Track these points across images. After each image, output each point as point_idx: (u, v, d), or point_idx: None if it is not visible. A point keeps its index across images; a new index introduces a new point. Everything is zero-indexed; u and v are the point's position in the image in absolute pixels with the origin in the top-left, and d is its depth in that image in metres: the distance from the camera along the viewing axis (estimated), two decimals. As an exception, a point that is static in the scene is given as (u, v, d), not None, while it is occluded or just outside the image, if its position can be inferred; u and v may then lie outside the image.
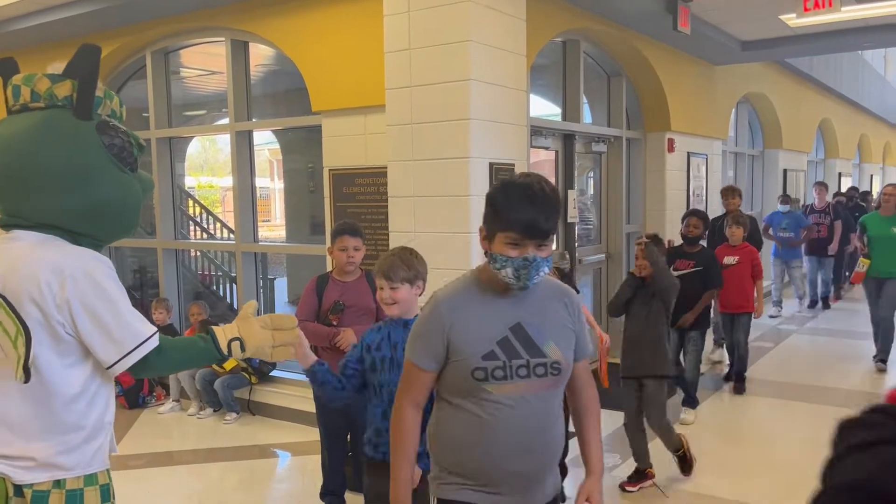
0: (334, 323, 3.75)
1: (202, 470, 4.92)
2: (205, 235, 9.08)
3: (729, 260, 5.96)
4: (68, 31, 6.17)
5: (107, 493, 2.02)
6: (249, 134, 6.06)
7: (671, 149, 7.47)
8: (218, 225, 9.43)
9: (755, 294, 6.11)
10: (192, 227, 8.92)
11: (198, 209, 9.37)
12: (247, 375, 5.81)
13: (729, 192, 6.80)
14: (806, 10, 5.52)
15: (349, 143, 5.10)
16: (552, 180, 6.37)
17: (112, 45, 6.29)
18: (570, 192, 6.32)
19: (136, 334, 1.90)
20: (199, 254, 8.25)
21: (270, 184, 18.11)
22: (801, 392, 6.19)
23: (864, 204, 11.95)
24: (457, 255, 4.25)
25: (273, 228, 14.51)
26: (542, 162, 6.42)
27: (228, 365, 5.70)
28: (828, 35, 7.32)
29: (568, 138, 6.37)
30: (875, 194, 15.97)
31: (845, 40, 7.59)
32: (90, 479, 1.97)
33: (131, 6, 5.62)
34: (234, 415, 5.72)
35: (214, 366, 5.68)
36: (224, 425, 5.64)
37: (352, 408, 3.86)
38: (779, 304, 9.52)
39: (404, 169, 4.36)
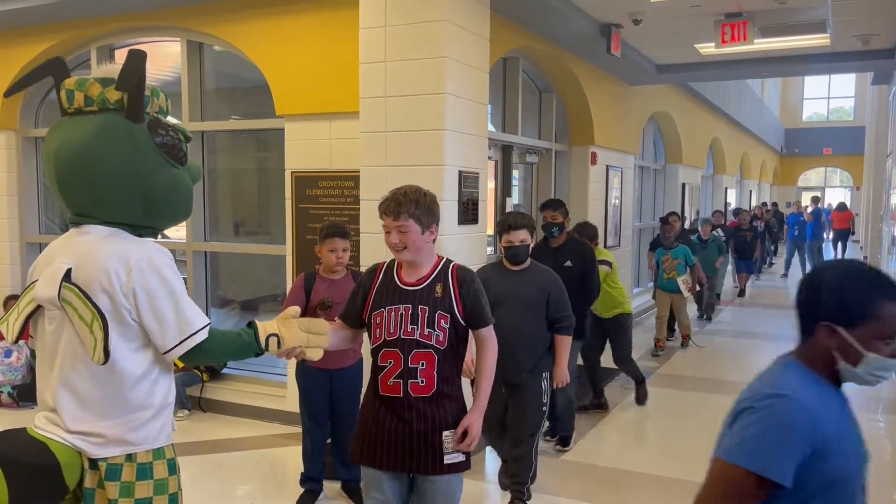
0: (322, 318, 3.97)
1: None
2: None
3: None
4: (19, 20, 6.07)
5: (173, 466, 2.20)
6: (202, 134, 6.12)
7: (594, 162, 8.04)
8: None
9: None
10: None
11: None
12: (198, 372, 5.86)
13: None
14: (724, 42, 6.15)
15: (313, 147, 5.30)
16: (491, 186, 6.78)
17: (56, 38, 6.19)
18: (507, 199, 6.74)
19: (190, 324, 2.07)
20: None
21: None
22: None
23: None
24: (428, 255, 4.54)
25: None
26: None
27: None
28: (733, 63, 8.12)
29: (507, 149, 6.79)
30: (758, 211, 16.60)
31: (748, 69, 8.45)
32: (158, 453, 2.14)
33: (81, 3, 5.60)
34: (185, 412, 5.76)
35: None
36: (175, 422, 5.64)
37: (335, 396, 4.10)
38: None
39: (377, 174, 4.60)
